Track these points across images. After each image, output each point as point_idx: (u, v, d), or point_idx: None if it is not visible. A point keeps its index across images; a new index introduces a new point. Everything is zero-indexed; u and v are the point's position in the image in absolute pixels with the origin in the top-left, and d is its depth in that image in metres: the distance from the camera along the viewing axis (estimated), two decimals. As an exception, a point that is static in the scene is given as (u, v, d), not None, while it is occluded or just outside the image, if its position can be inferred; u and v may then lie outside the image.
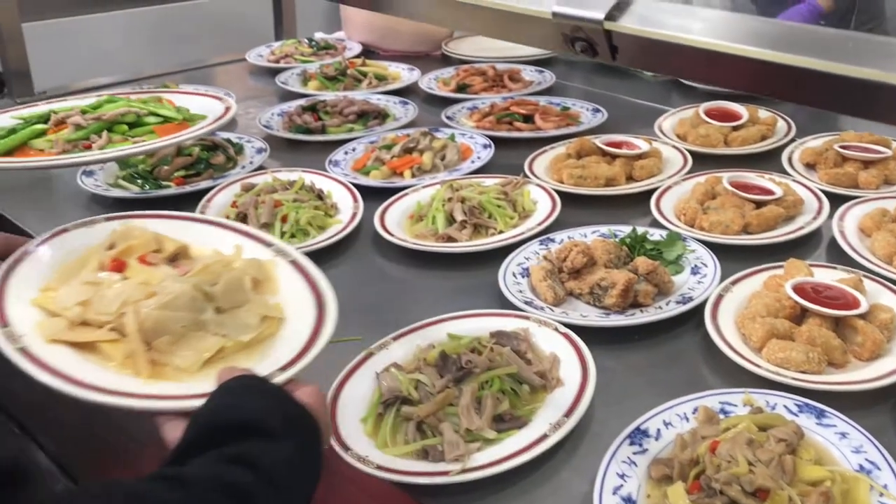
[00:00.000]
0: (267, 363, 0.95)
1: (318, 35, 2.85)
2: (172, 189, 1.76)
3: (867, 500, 0.94)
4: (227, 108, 1.45)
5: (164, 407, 0.87)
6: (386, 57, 2.71)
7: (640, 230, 1.51)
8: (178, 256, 1.10)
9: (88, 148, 1.36)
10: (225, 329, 0.98)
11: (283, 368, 0.93)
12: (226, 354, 0.96)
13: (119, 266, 1.05)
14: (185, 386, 0.91)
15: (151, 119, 1.44)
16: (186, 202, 1.69)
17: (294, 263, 1.11)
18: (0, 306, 0.97)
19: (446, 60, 2.72)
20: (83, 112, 1.44)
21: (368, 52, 2.75)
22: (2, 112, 1.48)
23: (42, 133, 1.41)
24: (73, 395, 0.87)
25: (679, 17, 0.60)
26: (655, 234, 1.51)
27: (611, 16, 0.61)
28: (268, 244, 1.14)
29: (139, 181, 1.78)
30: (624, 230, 1.53)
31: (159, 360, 0.94)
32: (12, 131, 1.40)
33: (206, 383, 0.89)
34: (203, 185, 1.76)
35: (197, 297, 0.98)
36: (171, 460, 0.78)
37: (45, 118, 1.45)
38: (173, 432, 0.83)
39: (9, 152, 1.36)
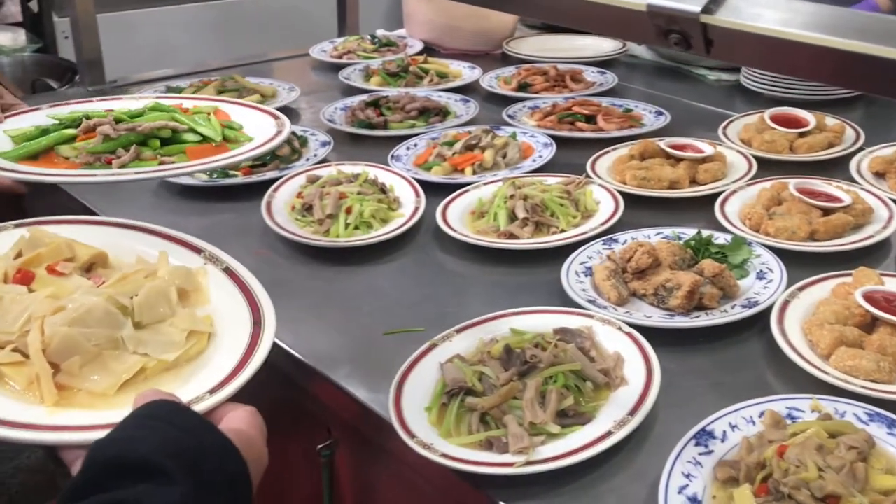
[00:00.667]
0: (194, 385, 0.86)
1: (380, 32, 2.87)
2: (239, 178, 1.80)
3: (941, 512, 0.92)
4: (278, 133, 1.32)
5: (68, 440, 0.76)
6: (447, 55, 2.73)
7: (706, 233, 1.50)
8: (94, 265, 1.00)
9: (109, 163, 1.21)
10: (145, 347, 0.88)
11: (213, 391, 0.84)
12: (148, 376, 0.87)
13: (25, 277, 0.93)
14: (96, 415, 0.81)
15: (189, 136, 1.28)
16: (253, 192, 1.73)
17: (227, 271, 1.03)
18: None
19: (506, 60, 2.72)
20: (117, 120, 1.29)
21: (429, 50, 2.77)
22: (41, 108, 1.39)
23: (71, 138, 1.27)
24: None
25: (778, 10, 0.59)
26: (720, 238, 1.50)
27: (707, 9, 0.61)
28: (198, 250, 1.06)
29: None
30: (688, 233, 1.52)
31: (68, 384, 0.83)
32: (44, 132, 1.28)
33: (122, 411, 0.79)
34: (269, 175, 1.79)
35: (112, 310, 0.87)
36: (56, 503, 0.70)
37: (78, 122, 1.31)
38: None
39: (34, 157, 1.22)
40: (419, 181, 1.74)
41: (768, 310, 1.30)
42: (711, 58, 0.69)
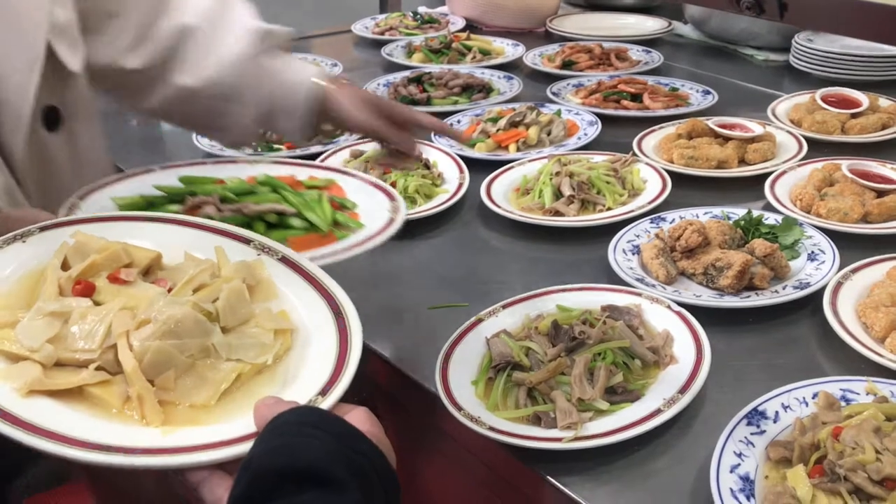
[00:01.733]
0: (297, 387, 0.81)
1: (422, 9, 2.86)
2: (284, 152, 1.80)
3: None
4: (390, 221, 1.17)
5: (199, 461, 0.72)
6: (489, 32, 2.70)
7: (756, 213, 1.47)
8: (151, 269, 0.93)
9: None
10: (237, 352, 0.83)
11: (324, 392, 0.79)
12: (242, 383, 0.82)
13: (87, 288, 0.86)
14: (213, 430, 0.76)
15: (296, 222, 1.16)
16: (296, 165, 1.73)
17: (285, 261, 0.96)
18: None
19: (549, 37, 2.69)
20: (223, 200, 1.17)
21: (471, 27, 2.75)
22: (153, 170, 1.27)
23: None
24: (82, 461, 0.70)
25: (858, -28, 0.58)
26: (770, 219, 1.47)
27: (783, -29, 0.59)
28: (246, 241, 0.98)
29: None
30: (738, 213, 1.49)
31: (165, 399, 0.79)
32: (149, 205, 1.18)
33: (237, 423, 0.76)
34: (313, 149, 1.78)
35: (201, 318, 0.82)
36: None
37: (182, 197, 1.19)
38: (216, 491, 0.71)
39: None
40: (463, 157, 1.73)
41: (820, 291, 1.28)
42: (785, 22, 0.67)
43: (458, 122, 1.95)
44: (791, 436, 0.99)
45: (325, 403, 0.77)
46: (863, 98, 1.94)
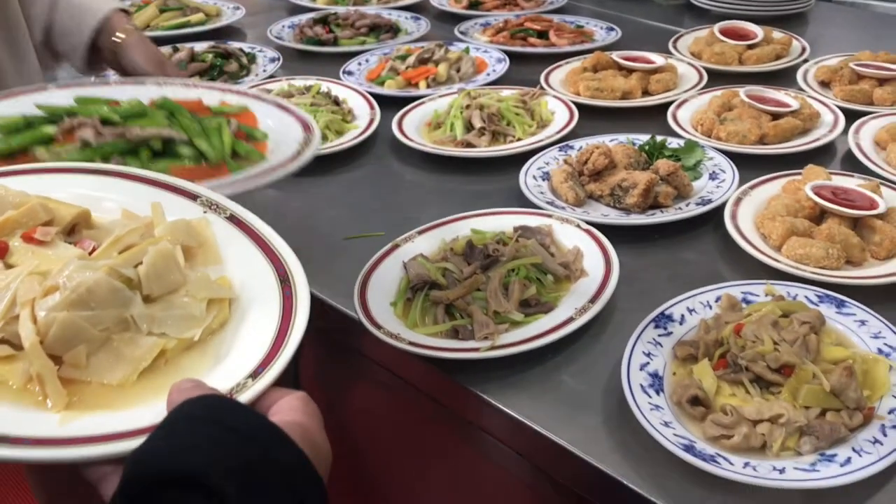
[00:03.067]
0: (228, 367, 0.71)
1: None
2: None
3: (886, 379, 0.96)
4: (297, 154, 1.07)
5: (93, 454, 0.62)
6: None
7: (659, 138, 1.52)
8: (76, 227, 0.83)
9: None
10: (161, 325, 0.74)
11: (255, 374, 0.69)
12: (168, 359, 0.73)
13: None
14: (119, 417, 0.67)
15: (186, 151, 1.06)
16: (202, 107, 1.69)
17: (233, 219, 0.86)
18: None
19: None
20: (104, 121, 1.07)
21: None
22: (48, 88, 1.17)
23: (49, 139, 1.06)
24: None
25: None
26: (673, 143, 1.52)
27: None
28: (193, 196, 0.88)
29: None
30: (642, 138, 1.54)
31: (75, 378, 0.69)
32: (28, 125, 1.08)
33: (155, 409, 0.66)
34: (218, 90, 1.74)
35: (117, 286, 0.72)
36: None
37: (62, 117, 1.09)
38: (112, 487, 0.62)
39: (11, 155, 1.03)
40: (373, 94, 1.72)
41: (721, 207, 1.33)
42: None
43: (367, 60, 1.94)
44: (696, 335, 1.04)
45: (254, 388, 0.67)
46: (758, 30, 2.01)
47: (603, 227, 1.27)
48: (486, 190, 1.47)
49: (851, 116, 1.64)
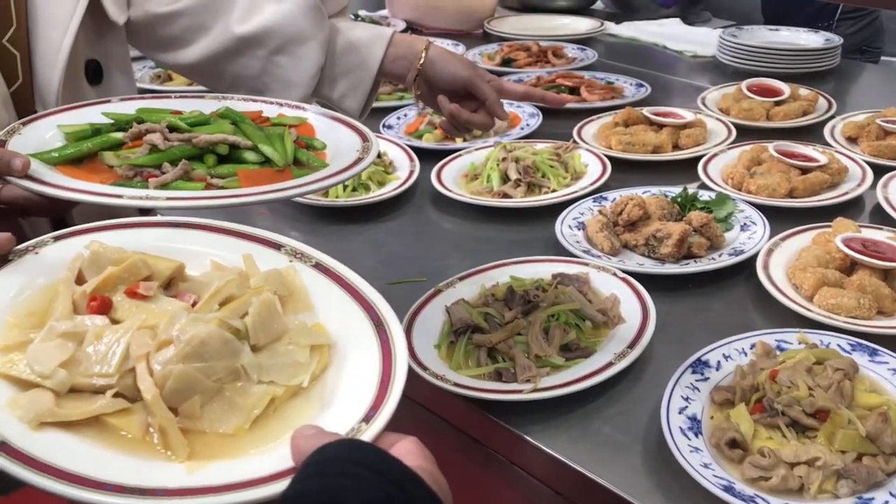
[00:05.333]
0: (337, 412, 0.72)
1: (363, 13, 2.91)
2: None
3: (921, 426, 0.99)
4: (357, 161, 1.05)
5: (230, 502, 0.63)
6: (429, 34, 2.78)
7: (692, 190, 1.56)
8: (172, 281, 0.84)
9: (146, 180, 1.01)
10: (269, 374, 0.75)
11: (368, 419, 0.69)
12: (276, 407, 0.74)
13: (103, 305, 0.78)
14: (245, 464, 0.68)
15: (250, 156, 1.06)
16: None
17: (319, 267, 0.88)
18: None
19: (488, 38, 2.78)
20: (171, 128, 1.08)
21: (412, 29, 2.82)
22: (111, 100, 1.18)
23: (118, 144, 1.07)
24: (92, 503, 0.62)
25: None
26: (705, 196, 1.57)
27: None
28: (277, 246, 0.90)
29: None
30: (674, 191, 1.58)
31: (190, 428, 0.71)
32: (97, 132, 1.09)
33: (272, 455, 0.68)
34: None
35: (228, 338, 0.74)
36: None
37: (130, 123, 1.11)
38: None
39: (77, 161, 1.04)
40: (412, 147, 1.79)
41: (753, 258, 1.37)
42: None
43: (405, 115, 2.01)
44: (732, 381, 1.07)
45: (370, 432, 0.67)
46: (785, 87, 2.07)
47: (638, 276, 1.31)
48: (522, 239, 1.52)
49: (879, 171, 1.68)
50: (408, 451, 0.64)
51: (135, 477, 0.65)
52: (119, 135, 1.08)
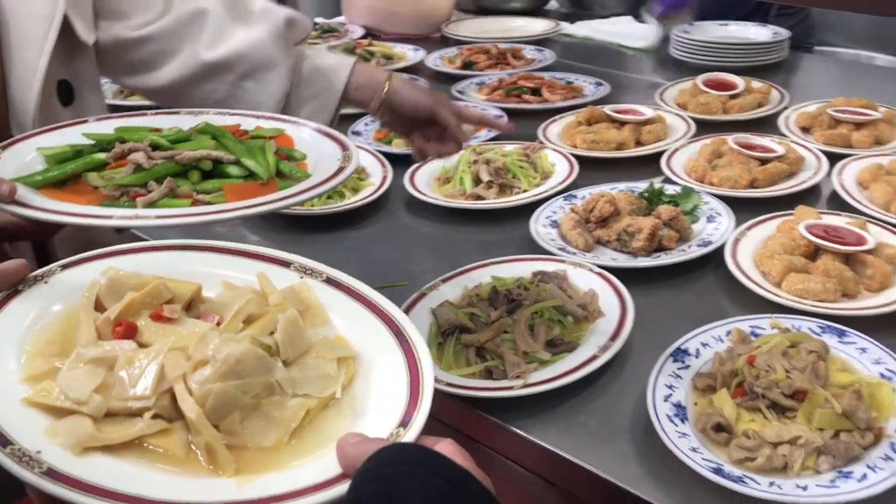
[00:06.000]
0: (371, 419, 0.74)
1: (319, 20, 2.92)
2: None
3: (891, 401, 1.04)
4: (339, 170, 1.07)
5: None
6: (387, 39, 2.80)
7: (658, 185, 1.61)
8: (192, 303, 0.86)
9: (133, 200, 1.01)
10: (302, 386, 0.77)
11: (404, 423, 0.72)
12: (310, 419, 0.76)
13: (129, 330, 0.79)
14: (291, 475, 0.69)
15: (234, 170, 1.06)
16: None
17: (331, 281, 0.90)
18: None
19: (445, 41, 2.81)
20: (154, 146, 1.08)
21: (369, 35, 2.84)
22: (88, 121, 1.17)
23: (102, 165, 1.07)
24: None
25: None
26: (670, 189, 1.62)
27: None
28: (286, 263, 0.92)
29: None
30: (641, 186, 1.63)
31: (232, 444, 0.72)
32: (78, 153, 1.09)
33: (316, 465, 0.70)
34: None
35: (262, 354, 0.76)
36: None
37: (111, 145, 1.10)
38: None
39: (60, 183, 1.03)
40: (383, 153, 1.81)
41: (721, 248, 1.42)
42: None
43: (373, 121, 2.03)
44: (712, 368, 1.11)
45: (409, 436, 0.70)
46: (739, 81, 2.13)
47: (612, 270, 1.35)
48: (497, 239, 1.55)
49: (833, 159, 1.75)
50: (451, 451, 0.66)
51: (189, 494, 0.66)
52: (102, 155, 1.08)
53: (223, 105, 1.34)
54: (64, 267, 0.86)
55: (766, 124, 2.00)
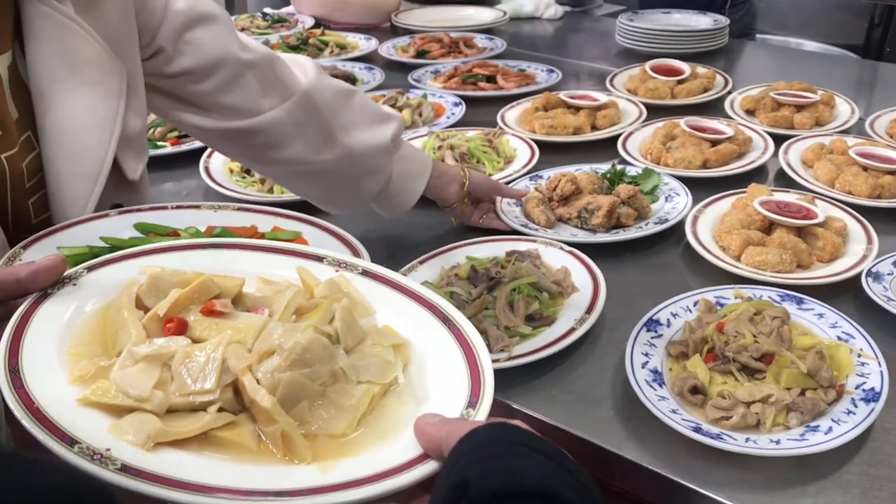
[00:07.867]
0: (436, 403, 0.75)
1: (268, 10, 2.92)
2: (168, 149, 1.83)
3: (849, 361, 1.12)
4: None
5: (380, 492, 0.65)
6: (337, 29, 2.81)
7: (619, 166, 1.67)
8: (237, 298, 0.86)
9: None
10: (365, 373, 0.78)
11: (472, 404, 0.73)
12: (374, 405, 0.77)
13: (181, 326, 0.78)
14: (368, 459, 0.70)
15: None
16: (183, 161, 1.77)
17: (367, 273, 0.91)
18: (49, 421, 0.66)
19: (395, 31, 2.84)
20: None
21: (321, 26, 2.84)
22: (109, 214, 1.14)
23: None
24: None
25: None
26: (631, 171, 1.68)
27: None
28: (318, 258, 0.93)
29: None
30: (604, 167, 1.69)
31: (302, 431, 0.72)
32: (94, 257, 1.01)
33: (390, 449, 0.71)
34: (198, 143, 1.83)
35: (326, 342, 0.77)
36: None
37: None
38: None
39: None
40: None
41: (680, 224, 1.49)
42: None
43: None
44: (684, 336, 1.18)
45: (479, 416, 0.71)
46: (685, 67, 2.22)
47: (576, 246, 1.40)
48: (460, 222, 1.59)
49: (777, 140, 1.84)
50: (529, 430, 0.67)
51: (273, 482, 0.65)
52: None
53: (323, 192, 1.42)
54: (90, 269, 0.85)
55: (712, 108, 2.09)
